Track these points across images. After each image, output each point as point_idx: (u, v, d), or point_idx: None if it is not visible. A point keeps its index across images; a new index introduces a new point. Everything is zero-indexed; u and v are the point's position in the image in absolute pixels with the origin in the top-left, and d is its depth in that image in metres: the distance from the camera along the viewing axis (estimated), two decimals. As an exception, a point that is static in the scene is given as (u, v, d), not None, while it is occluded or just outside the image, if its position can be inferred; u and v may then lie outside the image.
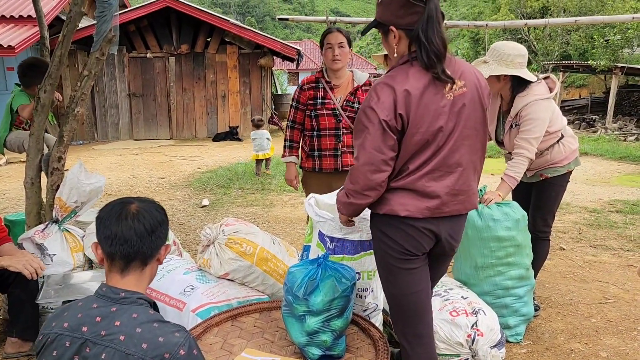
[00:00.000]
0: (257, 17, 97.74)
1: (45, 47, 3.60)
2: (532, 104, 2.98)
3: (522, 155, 2.98)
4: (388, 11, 1.85)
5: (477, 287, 2.96)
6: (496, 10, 35.97)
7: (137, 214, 1.49)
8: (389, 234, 1.94)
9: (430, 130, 1.81)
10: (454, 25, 6.75)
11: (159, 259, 1.56)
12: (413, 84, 1.79)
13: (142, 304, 1.46)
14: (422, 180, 1.85)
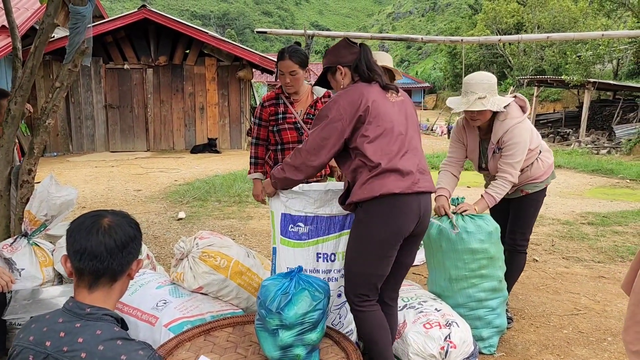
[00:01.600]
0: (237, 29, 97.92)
1: (17, 58, 3.54)
2: (512, 129, 3.01)
3: (505, 180, 3.04)
4: (333, 55, 2.42)
5: (451, 299, 2.98)
6: (472, 25, 36.70)
7: (109, 228, 1.45)
8: (383, 214, 2.20)
9: (388, 120, 2.27)
10: (430, 40, 6.85)
11: (130, 274, 1.51)
12: (367, 91, 2.29)
13: (108, 320, 1.42)
14: (402, 160, 2.24)
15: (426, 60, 66.11)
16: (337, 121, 2.23)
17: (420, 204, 2.27)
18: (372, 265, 2.25)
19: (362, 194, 2.22)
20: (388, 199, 2.19)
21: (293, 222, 2.64)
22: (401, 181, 2.20)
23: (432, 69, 54.56)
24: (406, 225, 2.24)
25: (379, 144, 2.23)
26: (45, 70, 12.62)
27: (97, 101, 13.55)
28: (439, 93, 48.92)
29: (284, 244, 2.66)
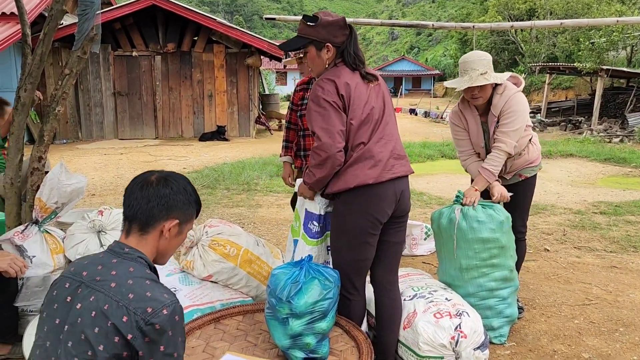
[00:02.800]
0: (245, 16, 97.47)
1: (27, 44, 3.52)
2: (512, 97, 2.98)
3: (499, 149, 2.98)
4: (326, 32, 2.32)
5: (461, 288, 2.96)
6: (484, 12, 36.26)
7: (152, 183, 1.57)
8: (359, 204, 2.28)
9: (367, 108, 2.30)
10: (441, 26, 6.76)
11: (163, 232, 1.56)
12: (347, 77, 2.28)
13: (142, 263, 1.50)
14: (376, 148, 2.29)
15: (436, 47, 65.49)
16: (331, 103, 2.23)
17: (395, 189, 2.33)
18: (354, 252, 2.36)
19: (337, 185, 2.29)
20: (362, 189, 2.26)
21: (310, 220, 2.63)
22: (374, 170, 2.26)
23: (442, 56, 54.04)
24: (382, 212, 2.32)
25: (353, 133, 2.26)
26: (54, 57, 12.64)
27: (106, 88, 13.58)
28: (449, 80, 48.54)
29: (304, 240, 2.65)
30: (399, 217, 2.44)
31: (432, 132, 17.65)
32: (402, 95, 43.24)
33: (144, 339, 1.36)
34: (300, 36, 2.37)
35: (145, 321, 1.36)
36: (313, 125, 2.26)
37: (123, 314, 1.35)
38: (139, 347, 1.36)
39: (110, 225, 3.09)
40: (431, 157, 10.72)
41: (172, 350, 1.40)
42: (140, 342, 1.36)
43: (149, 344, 1.36)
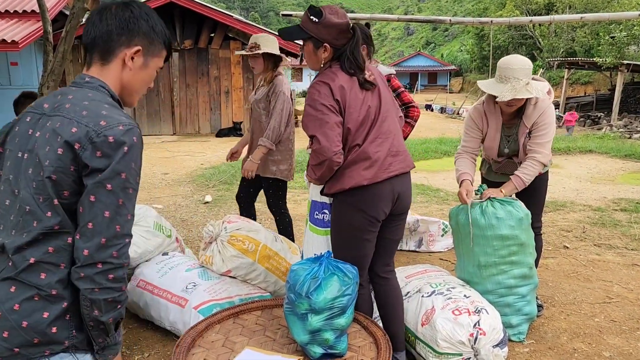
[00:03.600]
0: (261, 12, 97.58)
1: (48, 42, 3.58)
2: (546, 110, 2.98)
3: (536, 160, 2.96)
4: (326, 32, 2.24)
5: (480, 285, 2.95)
6: (501, 6, 35.86)
7: (111, 9, 1.44)
8: (355, 205, 2.29)
9: (363, 109, 2.27)
10: (458, 21, 6.71)
11: (125, 61, 1.43)
12: (343, 81, 2.24)
13: (103, 91, 1.40)
14: (371, 148, 2.28)
15: (453, 42, 64.96)
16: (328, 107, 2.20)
17: (393, 188, 2.33)
18: (353, 249, 2.38)
19: (333, 187, 2.32)
20: (358, 190, 2.27)
21: (319, 209, 2.66)
22: (369, 170, 2.26)
23: (458, 51, 53.62)
24: (379, 211, 2.32)
25: (350, 136, 2.26)
26: (74, 54, 12.79)
27: (125, 85, 13.70)
28: (465, 76, 48.13)
29: (312, 231, 2.69)
30: (397, 215, 2.44)
31: (448, 128, 17.54)
32: (418, 91, 43.02)
33: (95, 152, 1.24)
34: (301, 28, 2.29)
35: (97, 132, 1.25)
36: (310, 129, 2.24)
37: (72, 127, 1.27)
38: (88, 159, 1.24)
39: (130, 221, 3.13)
40: (447, 154, 10.65)
41: (122, 168, 1.26)
42: (90, 154, 1.24)
43: (101, 159, 1.24)
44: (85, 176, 1.25)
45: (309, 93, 2.28)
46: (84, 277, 1.25)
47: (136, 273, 3.12)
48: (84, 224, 1.24)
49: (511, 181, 3.00)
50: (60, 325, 1.29)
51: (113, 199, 1.25)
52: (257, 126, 3.68)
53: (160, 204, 6.26)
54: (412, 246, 4.53)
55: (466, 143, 3.20)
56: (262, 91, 3.62)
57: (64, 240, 1.28)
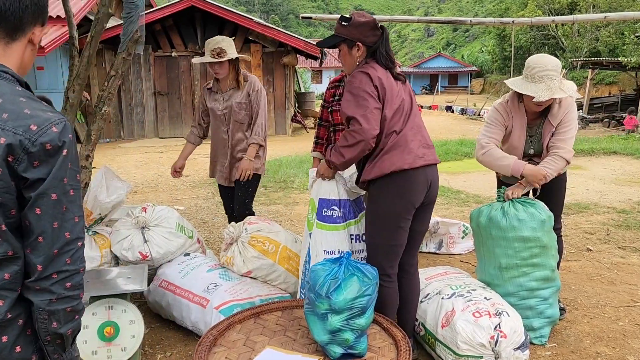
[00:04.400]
0: (281, 15, 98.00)
1: (74, 47, 3.66)
2: (570, 108, 2.97)
3: (560, 156, 2.93)
4: (357, 31, 2.47)
5: (501, 288, 2.93)
6: (523, 6, 35.41)
7: None
8: (394, 190, 2.41)
9: (398, 100, 2.45)
10: (479, 22, 6.66)
11: (32, 41, 1.28)
12: (380, 72, 2.43)
13: (9, 79, 1.21)
14: (408, 137, 2.44)
15: (473, 42, 64.39)
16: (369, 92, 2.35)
17: (427, 175, 2.47)
18: (390, 236, 2.48)
19: (373, 172, 2.42)
20: (397, 175, 2.39)
21: (327, 206, 2.72)
22: (409, 157, 2.40)
23: (479, 52, 53.08)
24: (416, 197, 2.45)
25: (387, 122, 2.39)
26: (98, 58, 13.02)
27: (147, 88, 13.91)
28: (486, 77, 47.63)
29: (321, 228, 2.72)
30: (427, 205, 2.57)
31: (469, 129, 17.39)
32: (438, 92, 42.72)
33: (32, 163, 1.13)
34: (335, 35, 2.55)
35: (31, 141, 1.12)
36: (349, 112, 2.36)
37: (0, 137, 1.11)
38: (26, 172, 1.13)
39: (153, 222, 3.19)
40: (468, 155, 10.56)
41: (63, 173, 1.17)
42: (26, 166, 1.13)
43: (39, 168, 1.14)
44: (25, 188, 1.14)
45: (348, 83, 2.43)
46: (40, 290, 1.17)
47: (158, 273, 3.17)
48: (34, 238, 1.16)
49: None
50: (23, 343, 1.21)
51: (59, 208, 1.17)
52: (236, 128, 3.63)
53: (182, 205, 6.34)
54: (432, 248, 4.52)
55: (492, 135, 3.06)
56: (237, 94, 3.60)
57: (19, 264, 1.18)
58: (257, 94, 3.58)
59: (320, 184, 2.76)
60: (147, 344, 2.95)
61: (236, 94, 3.60)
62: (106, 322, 2.60)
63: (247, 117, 3.62)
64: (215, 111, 3.65)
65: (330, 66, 36.73)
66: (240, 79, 3.60)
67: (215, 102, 3.65)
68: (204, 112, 3.77)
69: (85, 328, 2.58)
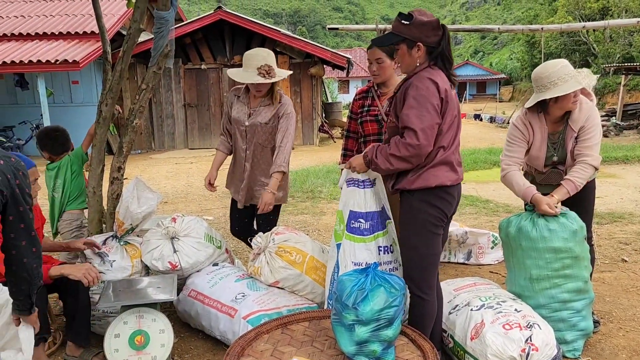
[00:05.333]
0: (308, 26, 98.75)
1: (107, 61, 3.77)
2: (592, 112, 2.93)
3: (587, 163, 2.89)
4: (418, 31, 2.37)
5: (531, 299, 2.87)
6: (553, 12, 34.92)
7: None
8: (435, 203, 2.42)
9: (454, 114, 2.42)
10: (507, 29, 6.60)
11: None
12: (445, 81, 2.39)
13: None
14: (455, 155, 2.46)
15: (502, 50, 63.64)
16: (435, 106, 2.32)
17: (459, 192, 2.54)
18: (429, 246, 2.47)
19: (416, 183, 2.41)
20: (440, 189, 2.41)
21: (355, 219, 2.71)
22: (451, 173, 2.43)
23: (508, 59, 52.42)
24: (451, 210, 2.52)
25: (439, 136, 2.38)
26: (130, 72, 13.34)
27: (177, 100, 14.17)
28: (515, 84, 46.99)
29: (349, 239, 2.71)
30: (451, 217, 2.60)
31: (498, 137, 17.14)
32: (466, 100, 42.30)
33: None
34: (393, 33, 2.44)
35: None
36: (409, 122, 2.30)
37: None
38: None
39: (182, 232, 3.24)
40: (497, 164, 10.39)
41: None
42: None
43: None
44: None
45: (416, 88, 2.33)
46: None
47: (188, 283, 3.21)
48: None
49: (562, 186, 2.91)
50: None
51: None
52: (258, 151, 3.39)
53: (210, 215, 6.42)
54: (461, 258, 4.46)
55: (513, 153, 3.06)
56: (266, 113, 3.34)
57: None
58: (288, 119, 3.33)
59: (348, 195, 2.75)
60: (176, 353, 2.99)
61: (265, 112, 3.35)
62: (137, 331, 2.65)
63: (269, 141, 3.37)
64: (238, 122, 3.39)
65: (357, 76, 36.78)
66: (276, 96, 3.36)
67: (240, 113, 3.39)
68: (229, 120, 3.52)
69: (116, 336, 2.64)
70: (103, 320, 3.06)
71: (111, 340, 2.64)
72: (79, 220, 3.58)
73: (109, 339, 2.64)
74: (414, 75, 2.41)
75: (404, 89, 2.40)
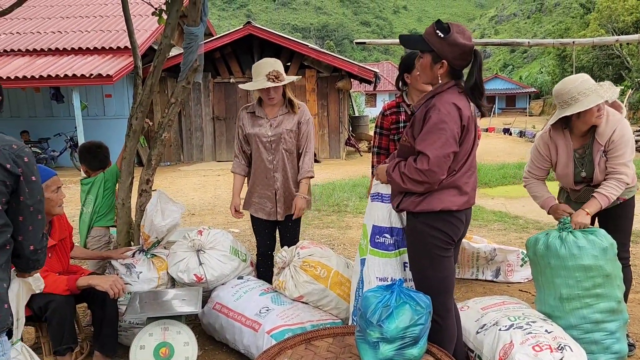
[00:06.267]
0: (336, 40, 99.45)
1: (138, 75, 3.86)
2: (621, 125, 2.85)
3: (620, 180, 2.82)
4: (449, 50, 2.23)
5: (562, 320, 2.78)
6: (584, 25, 34.40)
7: None
8: (440, 227, 2.32)
9: (471, 140, 2.35)
10: (537, 43, 6.51)
11: None
12: (468, 110, 2.29)
13: None
14: (463, 178, 2.34)
15: (532, 63, 62.87)
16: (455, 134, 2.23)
17: (468, 216, 2.45)
18: (439, 268, 2.39)
19: (420, 206, 2.32)
20: (446, 213, 2.32)
21: (380, 233, 2.68)
22: (458, 198, 2.33)
23: (538, 73, 51.71)
24: (459, 234, 2.42)
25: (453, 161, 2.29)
26: (161, 85, 13.61)
27: (206, 114, 14.39)
28: (546, 98, 46.24)
29: (373, 254, 2.69)
30: (459, 240, 2.50)
31: (527, 152, 16.82)
32: (495, 114, 41.80)
33: (18, 169, 1.77)
34: (424, 40, 2.29)
35: (16, 154, 1.78)
36: (425, 148, 2.21)
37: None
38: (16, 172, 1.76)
39: (208, 245, 3.26)
40: (528, 179, 10.24)
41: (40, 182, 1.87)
42: (16, 170, 1.77)
43: (23, 174, 1.78)
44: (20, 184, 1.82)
45: (438, 112, 2.21)
46: None
47: (213, 296, 3.22)
48: None
49: (594, 199, 2.84)
50: None
51: None
52: (286, 157, 3.38)
53: (237, 228, 6.46)
54: (489, 276, 4.37)
55: (533, 170, 3.13)
56: (288, 120, 3.36)
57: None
58: (308, 124, 3.39)
59: (372, 210, 2.73)
60: (200, 365, 3.00)
61: (287, 120, 3.35)
62: (162, 343, 2.67)
63: (294, 146, 3.40)
64: (260, 137, 3.35)
65: (384, 90, 36.76)
66: (295, 103, 3.38)
67: (259, 128, 3.36)
68: (244, 139, 3.45)
69: (142, 348, 2.66)
70: (129, 331, 3.09)
71: (137, 352, 2.66)
72: (106, 237, 3.64)
73: (135, 351, 2.66)
74: (437, 95, 2.29)
75: (424, 109, 2.28)
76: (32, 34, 13.55)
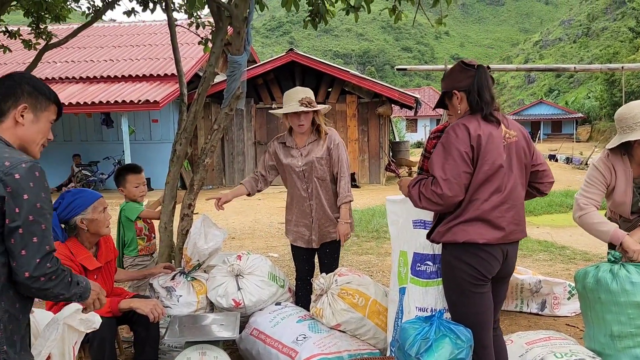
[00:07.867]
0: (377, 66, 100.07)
1: (183, 102, 3.98)
2: None
3: None
4: (450, 80, 2.39)
5: (613, 358, 2.65)
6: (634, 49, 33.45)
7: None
8: (467, 260, 2.24)
9: (494, 165, 2.22)
10: (584, 69, 6.39)
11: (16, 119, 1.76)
12: (482, 129, 2.25)
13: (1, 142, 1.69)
14: (495, 212, 2.23)
15: (579, 88, 61.37)
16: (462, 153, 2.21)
17: (506, 252, 2.31)
18: (471, 304, 2.29)
19: (445, 236, 2.28)
20: (472, 246, 2.23)
21: (422, 261, 2.63)
22: (488, 231, 2.22)
23: (585, 98, 50.41)
24: (489, 270, 2.28)
25: (473, 188, 2.22)
26: (205, 111, 13.98)
27: (247, 138, 14.65)
28: (594, 124, 44.95)
29: (414, 283, 2.63)
30: (502, 278, 2.40)
31: (575, 179, 16.35)
32: (540, 140, 40.89)
33: (5, 189, 1.57)
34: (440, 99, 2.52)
35: (4, 172, 1.58)
36: (433, 169, 2.24)
37: None
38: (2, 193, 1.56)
39: (247, 270, 3.28)
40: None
41: (35, 200, 1.60)
42: (2, 190, 1.57)
43: (11, 193, 1.57)
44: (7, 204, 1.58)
45: (446, 134, 2.28)
46: None
47: (250, 321, 3.23)
48: None
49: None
50: None
51: None
52: (320, 185, 3.37)
53: (276, 252, 6.48)
54: (534, 309, 4.21)
55: (592, 195, 2.89)
56: (317, 148, 3.37)
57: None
58: (338, 148, 3.38)
59: (414, 237, 2.69)
60: (236, 391, 2.99)
61: (316, 148, 3.37)
62: (199, 368, 2.67)
63: (327, 173, 3.38)
64: (292, 168, 3.37)
65: (425, 115, 36.59)
66: (322, 129, 3.40)
67: (292, 159, 3.38)
68: (271, 167, 3.49)
69: (179, 372, 2.68)
70: (168, 354, 3.12)
71: (174, 375, 2.68)
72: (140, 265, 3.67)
73: (172, 374, 2.68)
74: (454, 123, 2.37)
75: None
76: (85, 62, 14.25)
